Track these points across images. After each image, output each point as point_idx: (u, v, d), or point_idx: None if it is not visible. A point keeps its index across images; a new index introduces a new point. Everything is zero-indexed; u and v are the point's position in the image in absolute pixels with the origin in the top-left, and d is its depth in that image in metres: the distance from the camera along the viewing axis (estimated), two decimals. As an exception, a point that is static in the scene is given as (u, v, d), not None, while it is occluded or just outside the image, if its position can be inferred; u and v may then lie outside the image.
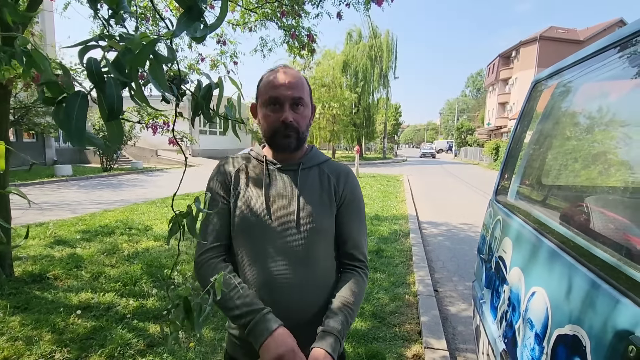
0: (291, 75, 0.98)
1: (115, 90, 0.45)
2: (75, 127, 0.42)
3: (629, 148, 1.21)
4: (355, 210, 1.06)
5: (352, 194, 1.06)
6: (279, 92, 0.95)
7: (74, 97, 0.42)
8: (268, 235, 0.96)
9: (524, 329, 1.09)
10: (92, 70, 0.44)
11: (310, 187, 1.01)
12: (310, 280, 0.97)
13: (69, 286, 3.27)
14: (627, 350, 0.62)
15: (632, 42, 1.05)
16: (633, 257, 0.78)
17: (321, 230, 0.99)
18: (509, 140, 1.94)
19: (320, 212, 0.99)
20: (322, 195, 1.01)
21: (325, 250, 1.01)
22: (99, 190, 10.45)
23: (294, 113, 0.97)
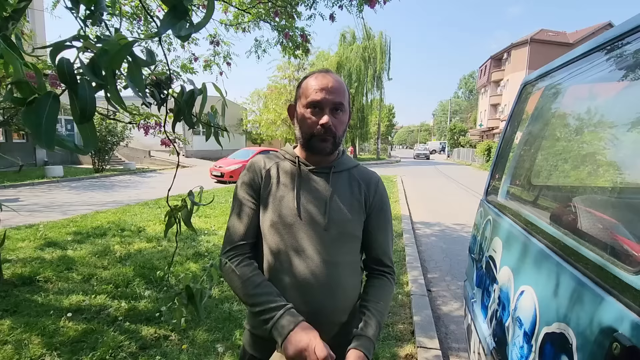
0: (334, 79, 0.99)
1: (88, 92, 0.44)
2: (44, 129, 0.41)
3: (617, 149, 1.23)
4: (384, 218, 1.08)
5: (382, 202, 1.08)
6: (320, 96, 0.96)
7: (45, 98, 0.41)
8: (298, 235, 0.97)
9: (513, 327, 1.10)
10: (64, 71, 0.43)
11: (341, 191, 1.03)
12: (338, 282, 0.98)
13: (60, 289, 3.23)
14: (612, 348, 0.64)
15: (617, 45, 1.07)
16: (619, 256, 0.80)
17: (350, 234, 1.01)
18: (499, 141, 1.96)
19: (350, 217, 1.01)
20: (353, 201, 1.03)
21: (353, 254, 1.03)
22: (90, 191, 10.33)
23: (333, 118, 0.97)
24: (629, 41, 1.01)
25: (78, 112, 0.44)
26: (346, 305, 1.01)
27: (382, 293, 1.03)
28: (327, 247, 0.97)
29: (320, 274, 0.95)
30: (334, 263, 0.97)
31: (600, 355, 0.67)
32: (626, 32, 1.00)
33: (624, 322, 0.64)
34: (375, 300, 1.00)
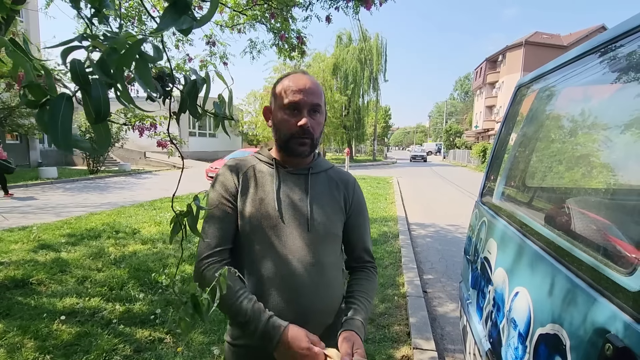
0: (311, 81, 0.99)
1: (102, 92, 0.43)
2: (61, 131, 0.40)
3: (610, 151, 1.24)
4: (363, 216, 1.11)
5: (360, 201, 1.11)
6: (298, 97, 0.95)
7: (59, 100, 0.41)
8: (280, 237, 0.96)
9: (508, 328, 1.10)
10: (77, 72, 0.43)
11: (320, 192, 1.03)
12: (321, 282, 0.98)
13: (53, 291, 3.20)
14: (604, 349, 0.64)
15: (610, 48, 1.08)
16: (611, 257, 0.81)
17: (333, 234, 1.02)
18: (494, 142, 1.97)
19: (331, 217, 1.02)
20: (333, 201, 1.04)
21: (335, 254, 1.04)
22: (85, 193, 10.25)
23: (311, 119, 0.97)
24: (622, 44, 1.02)
25: (93, 113, 0.43)
26: (333, 306, 1.01)
27: (366, 284, 1.05)
28: (311, 248, 0.96)
29: (306, 275, 0.95)
30: (319, 264, 0.97)
31: (593, 356, 0.68)
32: (619, 35, 1.01)
33: (616, 323, 0.65)
34: (360, 290, 1.02)
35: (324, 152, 30.32)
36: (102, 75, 0.43)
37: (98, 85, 0.43)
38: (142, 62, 0.47)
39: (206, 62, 5.42)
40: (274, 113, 1.01)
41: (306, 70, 1.05)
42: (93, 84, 0.43)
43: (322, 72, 24.73)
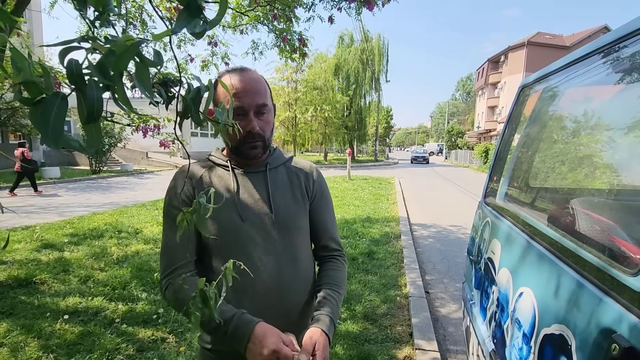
0: (252, 79, 0.93)
1: (96, 93, 0.44)
2: (52, 129, 0.41)
3: (614, 151, 1.24)
4: (326, 203, 1.09)
5: (321, 188, 1.08)
6: (242, 100, 0.90)
7: (53, 98, 0.42)
8: (246, 239, 0.93)
9: (512, 329, 1.10)
10: (73, 72, 0.43)
11: (281, 186, 1.01)
12: (294, 278, 0.97)
13: (56, 291, 3.21)
14: (611, 349, 0.64)
15: (615, 49, 1.08)
16: (616, 258, 0.81)
17: (298, 227, 1.00)
18: (497, 143, 1.97)
19: (295, 210, 1.00)
20: (295, 193, 1.02)
21: (304, 246, 1.03)
22: (87, 192, 10.29)
23: (259, 120, 0.93)
24: (625, 45, 1.02)
25: (85, 113, 0.44)
26: (307, 298, 1.00)
27: (335, 275, 1.03)
28: (278, 245, 0.95)
29: (275, 274, 0.93)
30: (289, 259, 0.96)
31: (599, 356, 0.68)
32: (623, 36, 1.01)
33: (622, 323, 0.65)
34: (328, 282, 1.00)
35: (325, 152, 30.32)
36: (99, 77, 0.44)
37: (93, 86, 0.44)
38: (142, 66, 0.47)
39: (208, 63, 5.44)
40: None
41: (245, 67, 0.97)
42: (89, 84, 0.44)
43: (324, 73, 24.75)
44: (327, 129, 25.55)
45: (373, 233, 5.58)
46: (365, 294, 3.31)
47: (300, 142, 26.86)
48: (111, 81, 0.45)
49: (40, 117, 0.41)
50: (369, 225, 6.16)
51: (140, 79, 0.47)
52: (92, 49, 0.45)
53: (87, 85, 0.43)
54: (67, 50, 0.45)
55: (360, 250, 4.64)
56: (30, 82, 0.42)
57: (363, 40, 27.05)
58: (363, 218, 6.72)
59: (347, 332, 2.65)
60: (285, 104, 23.72)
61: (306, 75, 24.21)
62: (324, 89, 24.53)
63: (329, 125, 25.40)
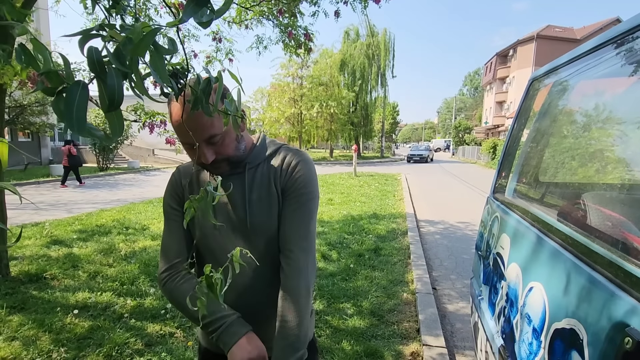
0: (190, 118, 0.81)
1: (117, 81, 0.44)
2: (76, 117, 0.42)
3: (626, 145, 1.21)
4: (296, 200, 0.94)
5: (295, 182, 0.94)
6: (187, 139, 0.85)
7: (75, 87, 0.42)
8: (225, 244, 0.94)
9: (522, 324, 1.09)
10: (94, 60, 0.44)
11: (258, 187, 0.95)
12: (269, 280, 0.95)
13: (66, 286, 3.26)
14: (623, 342, 0.63)
15: (628, 39, 1.05)
16: (629, 251, 0.79)
17: (273, 229, 0.94)
18: (506, 138, 1.95)
19: (270, 210, 0.94)
20: (270, 194, 0.94)
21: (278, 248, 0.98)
22: (95, 189, 10.41)
23: (212, 147, 0.87)
24: (639, 36, 0.99)
25: (107, 100, 0.44)
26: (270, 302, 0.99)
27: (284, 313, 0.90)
28: (254, 248, 0.91)
29: (251, 276, 0.94)
30: (263, 263, 0.92)
31: (611, 350, 0.67)
32: (636, 26, 0.98)
33: (636, 317, 0.64)
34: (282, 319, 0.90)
35: (331, 148, 30.28)
36: (118, 64, 0.44)
37: (114, 74, 0.44)
38: (157, 54, 0.47)
39: (212, 58, 5.45)
40: None
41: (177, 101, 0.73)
42: (109, 72, 0.44)
43: (329, 68, 24.68)
44: (332, 125, 25.53)
45: (379, 229, 5.57)
46: (371, 290, 3.31)
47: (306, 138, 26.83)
48: (129, 68, 0.45)
49: (65, 106, 0.41)
50: (375, 221, 6.15)
51: (156, 67, 0.47)
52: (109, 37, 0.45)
53: (107, 73, 0.43)
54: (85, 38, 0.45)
55: (367, 247, 4.63)
56: (51, 72, 0.42)
57: (369, 35, 26.88)
58: (369, 214, 6.71)
59: (353, 327, 2.65)
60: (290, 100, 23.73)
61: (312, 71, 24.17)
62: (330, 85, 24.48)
63: (335, 121, 25.37)
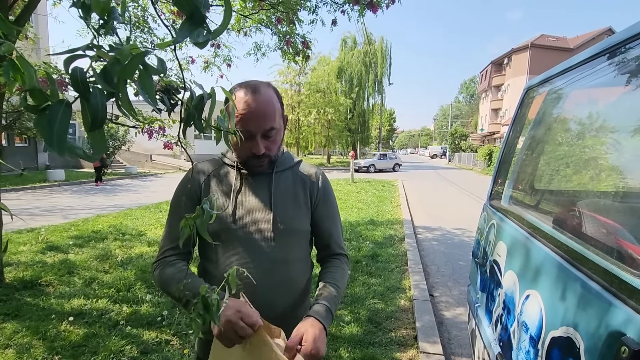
0: (263, 101, 0.93)
1: (100, 100, 0.45)
2: (56, 135, 0.42)
3: (619, 154, 1.23)
4: (330, 209, 1.10)
5: (326, 193, 1.09)
6: (249, 124, 0.91)
7: (58, 105, 0.42)
8: (240, 239, 0.96)
9: (519, 332, 1.10)
10: (77, 79, 0.44)
11: (285, 189, 1.03)
12: (289, 279, 0.99)
13: (61, 292, 3.23)
14: (620, 351, 0.64)
15: (620, 50, 1.08)
16: (624, 260, 0.80)
17: (298, 231, 1.02)
18: (502, 146, 1.97)
19: (297, 214, 1.01)
20: (298, 197, 1.03)
21: (302, 250, 1.04)
22: (92, 195, 10.35)
23: (265, 141, 0.96)
24: (631, 47, 1.02)
25: (89, 119, 0.45)
26: (299, 300, 1.03)
27: (335, 271, 1.04)
28: (274, 245, 0.97)
29: (270, 273, 0.96)
30: (283, 260, 0.98)
31: (608, 358, 0.67)
32: (628, 38, 1.01)
33: (631, 326, 0.64)
34: (329, 277, 1.02)
35: (328, 154, 30.35)
36: (104, 84, 0.45)
37: (97, 94, 0.44)
38: (146, 74, 0.48)
39: (210, 64, 5.49)
40: None
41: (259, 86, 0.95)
42: (93, 92, 0.44)
43: (327, 76, 24.83)
44: (330, 131, 25.62)
45: (377, 236, 5.57)
46: (369, 297, 3.30)
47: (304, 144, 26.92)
48: (115, 89, 0.45)
49: (46, 124, 0.41)
50: (372, 227, 6.15)
51: (144, 86, 0.48)
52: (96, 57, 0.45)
53: (91, 92, 0.44)
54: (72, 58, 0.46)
55: (364, 253, 4.63)
56: (35, 89, 0.42)
57: (366, 43, 27.12)
58: (367, 221, 6.71)
59: (351, 335, 2.64)
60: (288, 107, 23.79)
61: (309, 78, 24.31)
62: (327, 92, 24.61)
63: (332, 127, 25.47)
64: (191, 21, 0.47)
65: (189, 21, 0.47)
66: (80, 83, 0.44)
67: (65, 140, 0.43)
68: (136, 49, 0.47)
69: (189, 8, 0.46)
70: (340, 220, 1.16)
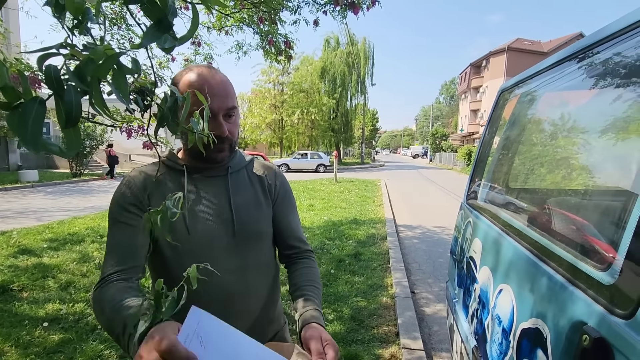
0: (222, 81, 0.86)
1: (74, 98, 0.45)
2: (30, 133, 0.42)
3: (588, 154, 1.29)
4: (289, 204, 1.05)
5: (285, 188, 1.05)
6: (213, 103, 0.82)
7: (31, 103, 0.42)
8: (199, 249, 0.86)
9: (493, 325, 1.14)
10: (51, 77, 0.44)
11: (243, 190, 0.96)
12: (252, 284, 0.92)
13: (35, 297, 3.12)
14: (582, 340, 0.68)
15: (588, 54, 1.13)
16: (589, 254, 0.85)
17: (261, 232, 0.96)
18: (479, 146, 2.03)
19: (259, 215, 0.95)
20: (257, 196, 0.97)
21: (266, 252, 0.98)
22: (67, 196, 10.01)
23: (227, 123, 0.87)
24: (598, 51, 1.07)
25: (64, 116, 0.44)
26: (269, 303, 0.97)
27: (309, 272, 0.98)
28: (237, 253, 0.90)
29: (233, 282, 0.88)
30: (250, 267, 0.91)
31: (571, 347, 0.71)
32: (595, 42, 1.06)
33: (592, 316, 0.69)
34: (305, 280, 0.95)
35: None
36: (77, 82, 0.45)
37: (72, 91, 0.45)
38: (120, 74, 0.48)
39: (190, 61, 5.41)
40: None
41: (211, 65, 0.91)
42: (67, 89, 0.44)
43: (310, 76, 24.86)
44: (313, 131, 25.66)
45: (359, 235, 5.62)
46: (352, 295, 3.34)
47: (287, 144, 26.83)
48: (89, 87, 0.45)
49: (19, 121, 0.41)
50: (355, 227, 6.20)
51: (118, 86, 0.48)
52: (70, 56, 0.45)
53: (65, 90, 0.44)
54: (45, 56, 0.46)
55: (347, 252, 4.67)
56: (7, 87, 0.42)
57: (349, 43, 27.27)
58: (350, 220, 6.76)
59: (334, 333, 2.66)
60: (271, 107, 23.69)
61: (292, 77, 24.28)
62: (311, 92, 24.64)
63: (316, 127, 25.51)
64: (158, 27, 0.47)
65: (156, 27, 0.47)
66: (55, 81, 0.44)
67: (40, 137, 0.43)
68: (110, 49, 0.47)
69: (157, 15, 0.47)
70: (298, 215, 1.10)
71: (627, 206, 0.74)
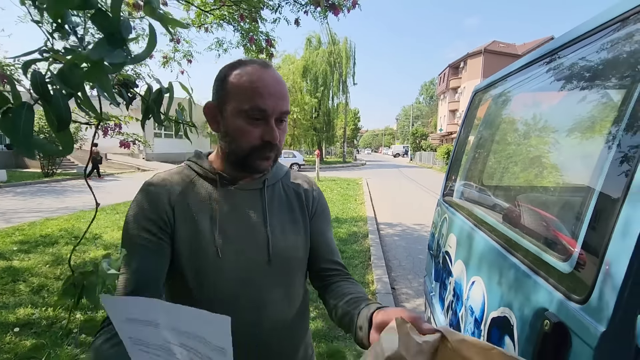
0: (278, 79, 0.73)
1: (62, 101, 0.45)
2: (22, 136, 0.42)
3: (557, 152, 1.36)
4: (327, 220, 0.92)
5: (322, 203, 0.92)
6: (268, 103, 0.70)
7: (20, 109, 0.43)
8: (226, 279, 0.74)
9: (466, 315, 1.19)
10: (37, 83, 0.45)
11: (278, 208, 0.82)
12: (288, 319, 0.80)
13: (5, 302, 3.00)
14: (543, 324, 0.72)
15: (554, 57, 1.20)
16: (552, 246, 0.90)
17: (299, 258, 0.83)
18: (454, 145, 2.09)
19: (296, 239, 0.82)
20: (295, 216, 0.84)
21: (300, 282, 0.85)
22: (39, 197, 9.61)
23: (278, 129, 0.74)
24: (564, 54, 1.13)
25: (56, 121, 0.45)
26: (295, 335, 0.84)
27: (360, 291, 0.83)
28: (273, 283, 0.77)
29: (272, 317, 0.77)
30: (283, 296, 0.79)
31: (535, 332, 0.76)
32: (560, 46, 1.12)
33: (553, 302, 0.73)
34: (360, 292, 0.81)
35: (294, 154, 30.35)
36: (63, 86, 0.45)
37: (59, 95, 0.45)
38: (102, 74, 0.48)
39: (169, 59, 5.32)
40: (225, 115, 0.73)
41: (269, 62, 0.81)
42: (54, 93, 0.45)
43: (292, 74, 24.81)
44: (295, 130, 25.60)
45: (341, 233, 5.67)
46: (333, 293, 3.37)
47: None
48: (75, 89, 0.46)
49: (11, 125, 0.42)
50: (337, 225, 6.24)
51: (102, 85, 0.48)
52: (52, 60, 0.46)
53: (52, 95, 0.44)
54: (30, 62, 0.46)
55: (329, 250, 4.70)
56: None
57: (330, 43, 27.36)
58: (332, 218, 6.78)
59: (316, 330, 2.69)
60: (252, 105, 23.45)
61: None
62: (293, 91, 24.57)
63: (298, 126, 25.47)
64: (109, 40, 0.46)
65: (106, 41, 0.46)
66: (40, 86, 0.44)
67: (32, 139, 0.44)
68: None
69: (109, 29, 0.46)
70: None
71: (586, 201, 0.79)
